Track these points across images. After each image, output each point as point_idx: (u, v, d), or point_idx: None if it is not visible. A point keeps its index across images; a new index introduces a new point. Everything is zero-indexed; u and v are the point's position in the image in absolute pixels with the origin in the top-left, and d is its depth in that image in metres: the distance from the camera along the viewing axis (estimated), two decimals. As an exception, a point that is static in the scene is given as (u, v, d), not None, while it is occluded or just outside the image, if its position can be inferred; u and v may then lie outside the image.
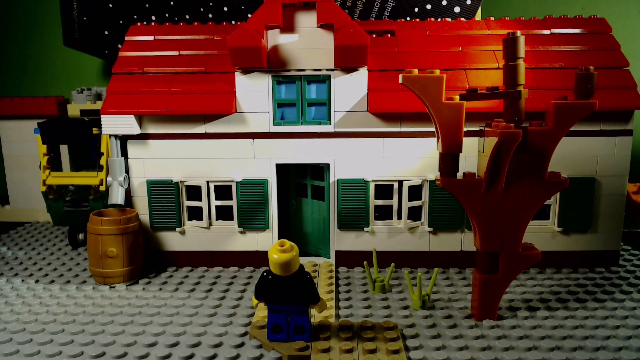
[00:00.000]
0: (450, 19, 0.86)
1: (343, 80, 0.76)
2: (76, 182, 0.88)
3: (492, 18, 0.85)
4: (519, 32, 0.59)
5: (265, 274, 0.54)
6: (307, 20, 0.75)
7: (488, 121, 0.63)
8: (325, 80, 0.77)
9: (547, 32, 0.82)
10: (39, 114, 1.04)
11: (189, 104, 0.76)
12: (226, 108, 0.76)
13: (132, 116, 0.76)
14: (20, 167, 1.09)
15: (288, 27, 0.75)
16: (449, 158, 0.60)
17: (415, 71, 0.59)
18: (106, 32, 0.99)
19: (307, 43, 0.75)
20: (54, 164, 0.91)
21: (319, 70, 0.76)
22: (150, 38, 0.84)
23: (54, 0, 1.09)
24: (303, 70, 0.76)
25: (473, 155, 0.76)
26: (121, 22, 0.97)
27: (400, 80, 0.59)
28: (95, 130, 0.87)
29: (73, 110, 0.98)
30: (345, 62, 0.74)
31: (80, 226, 0.91)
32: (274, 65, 0.76)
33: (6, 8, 1.17)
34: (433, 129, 0.75)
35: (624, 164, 0.77)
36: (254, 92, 0.77)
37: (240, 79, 0.77)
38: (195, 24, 0.87)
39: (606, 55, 0.79)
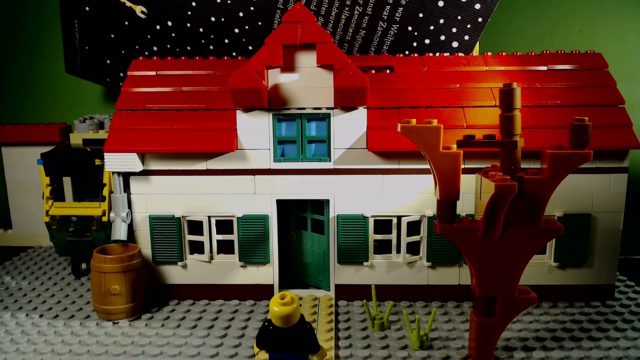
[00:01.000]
0: (448, 53, 0.87)
1: (343, 119, 0.77)
2: (79, 212, 0.89)
3: (490, 53, 0.86)
4: (515, 84, 0.60)
5: (266, 324, 0.55)
6: (307, 60, 0.76)
7: (485, 168, 0.64)
8: (325, 118, 0.78)
9: (544, 68, 0.83)
10: (41, 141, 1.05)
11: (191, 142, 0.77)
12: (228, 146, 0.77)
13: (135, 154, 0.77)
14: (22, 193, 1.11)
15: (288, 66, 0.76)
16: (447, 205, 0.62)
17: (414, 121, 0.61)
18: (108, 61, 1.00)
19: (308, 82, 0.76)
20: (57, 195, 0.92)
21: (319, 108, 0.77)
22: (153, 73, 0.85)
23: (56, 28, 1.10)
24: (303, 108, 0.77)
25: (470, 192, 0.78)
26: (123, 51, 0.98)
27: (399, 130, 0.60)
28: (97, 162, 0.88)
29: (75, 139, 0.99)
30: (345, 102, 0.75)
31: (83, 256, 0.92)
32: (275, 103, 0.77)
33: (8, 33, 1.18)
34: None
35: (619, 201, 0.79)
36: (255, 129, 0.78)
37: (242, 117, 0.78)
38: (197, 58, 0.88)
39: (602, 93, 0.80)
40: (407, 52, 0.89)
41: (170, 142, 0.78)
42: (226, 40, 0.93)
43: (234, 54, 0.95)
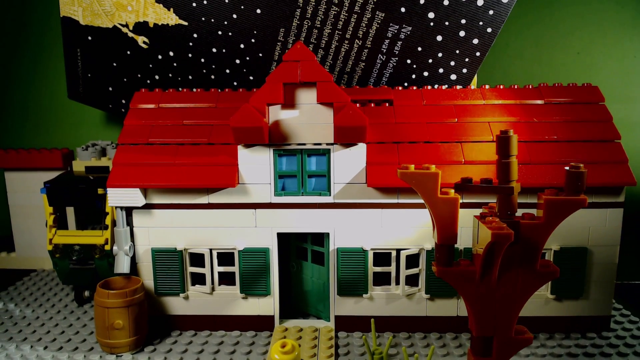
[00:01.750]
0: (446, 86, 0.88)
1: (342, 154, 0.79)
2: (82, 241, 0.90)
3: (487, 86, 0.87)
4: (511, 132, 0.61)
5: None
6: (307, 97, 0.77)
7: (482, 212, 0.65)
8: (325, 153, 0.79)
9: (541, 102, 0.85)
10: (44, 167, 1.06)
11: (193, 177, 0.78)
12: (229, 182, 0.78)
13: (138, 189, 0.79)
14: (25, 216, 1.12)
15: (289, 103, 0.77)
16: (445, 249, 0.63)
17: (412, 167, 0.62)
18: (110, 88, 1.01)
19: (308, 118, 0.78)
20: (60, 223, 0.93)
21: (319, 144, 0.78)
22: (155, 106, 0.87)
23: (58, 54, 1.11)
24: (304, 144, 0.78)
25: (468, 225, 0.79)
26: (125, 79, 0.99)
27: (398, 175, 0.61)
28: (100, 191, 0.89)
29: (78, 166, 1.00)
30: (345, 140, 0.76)
31: (86, 284, 0.94)
32: (275, 139, 0.78)
33: (11, 57, 1.20)
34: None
35: (615, 235, 0.80)
36: (256, 164, 0.79)
37: (243, 152, 0.79)
38: (198, 90, 0.89)
39: (599, 128, 0.81)
40: (405, 84, 0.90)
41: (173, 177, 0.79)
42: (227, 71, 0.94)
43: (235, 83, 0.96)
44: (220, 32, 0.90)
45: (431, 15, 0.83)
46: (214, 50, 0.93)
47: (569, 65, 1.25)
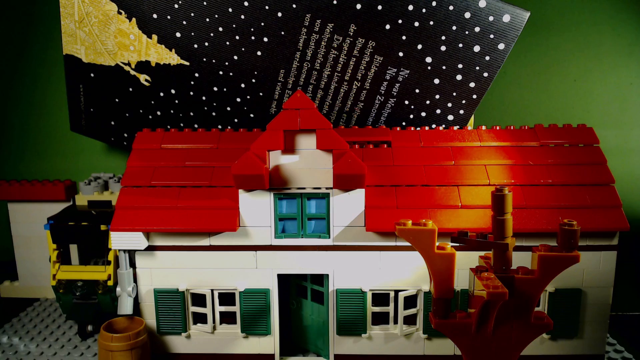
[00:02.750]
0: (444, 126, 0.90)
1: (342, 198, 0.80)
2: (85, 277, 0.92)
3: (484, 127, 0.89)
4: (506, 189, 0.63)
5: None
6: (307, 142, 0.79)
7: (478, 265, 0.67)
8: (324, 197, 0.80)
9: (536, 144, 0.86)
10: (47, 199, 1.08)
11: (195, 221, 0.80)
12: (230, 226, 0.79)
13: (141, 232, 0.80)
14: (28, 246, 1.13)
15: (289, 148, 0.79)
16: (442, 302, 0.64)
17: (409, 223, 0.63)
18: (112, 122, 1.03)
19: (307, 163, 0.79)
20: (64, 258, 0.95)
21: (319, 188, 0.80)
22: (157, 147, 0.88)
23: (61, 85, 1.12)
24: (303, 188, 0.80)
25: (465, 268, 0.80)
26: (127, 114, 1.01)
27: (395, 232, 0.63)
28: (103, 227, 0.91)
29: (81, 200, 1.02)
30: (344, 186, 0.78)
31: (89, 318, 0.95)
32: (276, 183, 0.80)
33: (13, 87, 1.21)
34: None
35: (608, 277, 0.81)
36: (256, 207, 0.81)
37: (244, 196, 0.81)
38: (200, 130, 0.90)
39: (593, 171, 0.83)
40: (404, 124, 0.92)
41: (175, 221, 0.80)
42: (228, 108, 0.96)
43: (235, 120, 0.97)
44: (221, 72, 0.92)
45: (428, 59, 0.84)
46: (215, 89, 0.94)
47: (565, 92, 1.26)
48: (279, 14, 0.84)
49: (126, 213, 0.82)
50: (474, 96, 0.86)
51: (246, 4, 0.84)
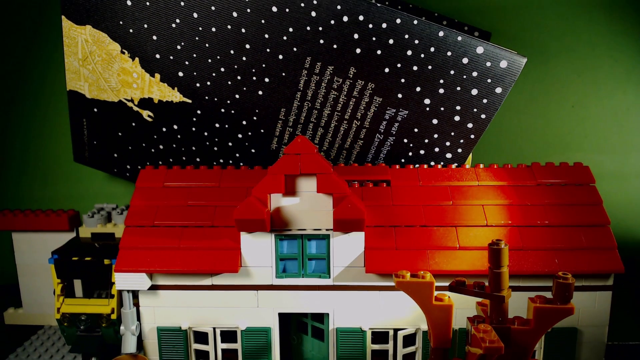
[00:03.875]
0: (442, 163, 0.91)
1: (341, 239, 0.81)
2: (89, 310, 0.93)
3: (482, 165, 0.90)
4: (503, 244, 0.64)
5: None
6: (307, 185, 0.80)
7: (475, 315, 0.68)
8: (324, 238, 0.82)
9: (533, 184, 0.87)
10: (51, 229, 1.09)
11: (197, 262, 0.81)
12: (231, 268, 0.81)
13: (144, 273, 0.82)
14: (32, 275, 1.14)
15: (290, 191, 0.80)
16: (440, 352, 0.66)
17: (408, 275, 0.65)
18: (115, 155, 1.04)
19: (308, 206, 0.80)
20: (68, 291, 0.96)
21: (319, 229, 0.81)
22: (160, 185, 0.89)
23: (65, 116, 1.14)
24: (304, 229, 0.81)
25: (462, 307, 0.82)
26: (130, 147, 1.02)
27: (394, 284, 0.64)
28: (106, 261, 0.92)
29: (84, 233, 1.03)
30: (344, 230, 0.79)
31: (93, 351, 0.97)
32: (277, 225, 0.81)
33: (17, 116, 1.22)
34: (426, 284, 0.81)
35: (604, 316, 0.83)
36: (257, 248, 0.82)
37: (245, 237, 0.82)
38: (202, 168, 0.92)
39: (589, 212, 0.84)
40: (403, 160, 0.93)
41: (177, 262, 0.82)
42: (230, 144, 0.97)
43: (237, 155, 0.99)
44: (223, 110, 0.93)
45: (427, 101, 0.85)
46: (217, 125, 0.95)
47: (563, 117, 1.28)
48: (280, 57, 0.85)
49: (130, 253, 0.83)
50: (472, 136, 0.87)
51: (248, 46, 0.85)
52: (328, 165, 0.78)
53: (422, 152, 0.91)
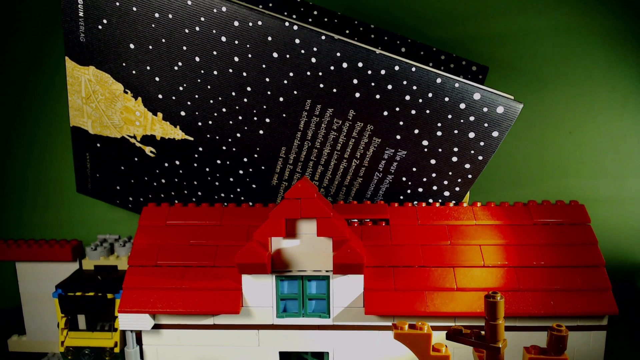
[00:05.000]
0: (440, 201, 0.93)
1: (341, 280, 0.83)
2: (92, 344, 0.95)
3: (479, 204, 0.92)
4: (499, 296, 0.65)
5: None
6: (308, 228, 0.81)
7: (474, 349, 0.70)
8: (324, 279, 0.83)
9: (530, 223, 0.89)
10: (54, 260, 1.10)
11: (199, 303, 0.83)
12: (233, 309, 0.82)
13: (147, 314, 0.83)
14: (35, 303, 1.16)
15: (290, 233, 0.82)
16: (437, 400, 0.67)
17: (406, 326, 0.66)
18: (118, 187, 1.05)
19: (308, 248, 0.82)
20: (72, 324, 0.98)
21: (319, 270, 0.83)
22: (162, 224, 0.91)
23: (67, 147, 1.15)
24: (304, 270, 0.83)
25: (459, 346, 0.83)
26: (132, 181, 1.03)
27: (393, 336, 0.66)
28: (109, 296, 0.94)
29: (87, 265, 1.04)
30: (343, 273, 0.81)
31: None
32: (277, 266, 0.82)
33: (19, 144, 1.24)
34: (424, 324, 0.83)
35: (598, 355, 0.84)
36: (258, 289, 0.84)
37: (247, 278, 0.84)
38: (203, 205, 0.93)
39: (585, 252, 0.86)
40: (401, 197, 0.95)
41: (180, 303, 0.83)
42: (231, 179, 0.99)
43: (238, 189, 1.00)
44: (224, 148, 0.95)
45: (425, 142, 0.87)
46: (219, 162, 0.97)
47: (561, 144, 1.29)
48: (281, 99, 0.87)
49: (133, 294, 0.85)
50: (469, 176, 0.89)
51: (249, 89, 0.87)
52: (328, 210, 0.80)
53: (420, 190, 0.92)
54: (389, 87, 0.82)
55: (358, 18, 1.12)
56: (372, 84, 0.83)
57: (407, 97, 0.83)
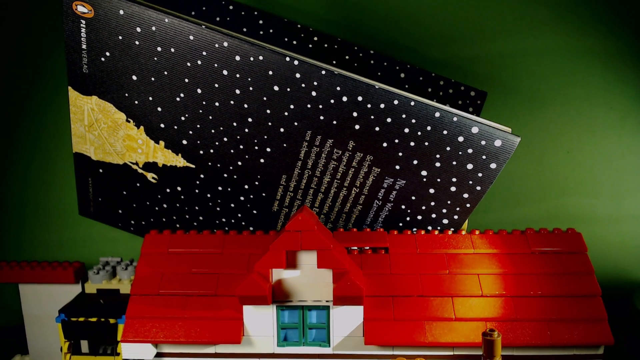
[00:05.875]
0: (439, 228, 0.94)
1: (341, 310, 0.84)
2: (94, 369, 0.96)
3: (477, 232, 0.93)
4: (496, 334, 0.67)
5: None
6: (308, 259, 0.83)
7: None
8: (325, 308, 0.84)
9: (527, 252, 0.90)
10: (57, 282, 1.12)
11: (200, 333, 0.84)
12: (234, 339, 0.83)
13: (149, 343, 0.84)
14: (38, 324, 1.17)
15: (291, 264, 0.83)
16: None
17: (405, 363, 0.67)
18: (120, 211, 1.07)
19: (309, 278, 0.83)
20: (74, 348, 0.99)
21: (319, 300, 0.84)
22: (164, 251, 0.92)
23: (69, 167, 1.16)
24: (305, 301, 0.84)
25: (458, 375, 0.85)
26: (134, 205, 1.05)
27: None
28: (112, 321, 0.95)
29: (90, 288, 1.06)
30: (343, 304, 0.82)
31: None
32: (278, 296, 0.84)
33: (22, 171, 1.25)
34: (423, 353, 0.84)
35: (595, 384, 0.86)
36: (259, 318, 0.85)
37: (248, 308, 0.85)
38: (205, 233, 0.94)
39: (581, 282, 0.87)
40: (400, 225, 0.96)
41: (181, 333, 0.84)
42: (232, 205, 1.00)
43: (239, 215, 1.01)
44: (225, 175, 0.96)
45: (424, 172, 0.88)
46: (220, 188, 0.98)
47: (559, 164, 1.30)
48: (281, 130, 0.88)
49: (136, 323, 0.86)
50: (468, 205, 0.90)
51: (250, 120, 0.88)
52: (328, 242, 0.81)
53: (419, 217, 0.94)
54: (388, 120, 0.83)
55: (357, 39, 1.13)
56: (372, 116, 0.84)
57: (406, 130, 0.84)
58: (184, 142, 0.93)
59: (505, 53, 1.24)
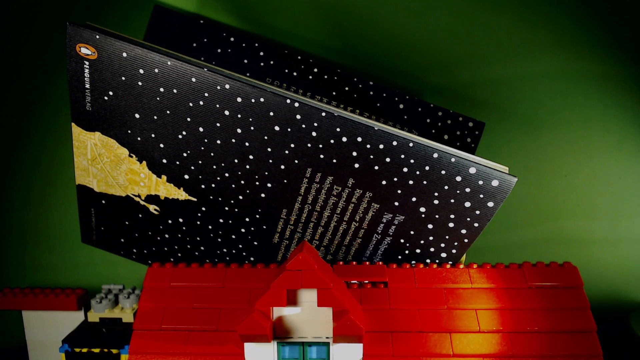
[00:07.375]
0: (437, 262, 0.95)
1: (341, 347, 0.85)
2: (97, 396, 0.97)
3: (475, 266, 0.94)
4: (492, 380, 0.68)
5: None
6: (308, 296, 0.84)
7: None
8: (325, 344, 0.86)
9: (524, 287, 0.91)
10: (60, 309, 1.13)
11: (203, 369, 0.85)
12: (236, 375, 0.85)
13: (152, 379, 0.86)
14: (42, 349, 1.19)
15: (292, 302, 0.84)
16: None
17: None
18: (122, 240, 1.08)
19: (309, 315, 0.84)
20: (78, 376, 1.01)
21: (319, 337, 0.85)
22: (166, 285, 0.93)
23: (71, 198, 1.18)
24: (305, 337, 0.85)
25: (456, 410, 0.86)
26: (136, 234, 1.06)
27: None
28: (114, 351, 0.97)
29: (93, 317, 1.07)
30: (343, 342, 0.83)
31: None
32: (279, 333, 0.85)
33: (22, 196, 1.26)
34: (421, 388, 0.85)
35: (591, 417, 0.87)
36: (260, 354, 0.86)
37: (249, 344, 0.86)
38: (206, 266, 0.96)
39: (577, 317, 0.88)
40: (400, 257, 0.97)
41: (184, 369, 0.86)
42: (233, 237, 1.01)
43: (240, 246, 1.03)
44: (227, 208, 0.97)
45: (422, 209, 0.89)
46: (221, 220, 0.99)
47: (556, 187, 1.32)
48: (282, 167, 0.89)
49: (139, 359, 0.87)
50: (466, 240, 0.91)
51: (251, 157, 0.89)
52: (328, 281, 0.82)
53: (418, 251, 0.95)
54: (387, 159, 0.85)
55: (356, 64, 1.14)
56: (371, 156, 0.85)
57: (405, 169, 0.85)
58: (186, 176, 0.95)
59: (503, 77, 1.25)
